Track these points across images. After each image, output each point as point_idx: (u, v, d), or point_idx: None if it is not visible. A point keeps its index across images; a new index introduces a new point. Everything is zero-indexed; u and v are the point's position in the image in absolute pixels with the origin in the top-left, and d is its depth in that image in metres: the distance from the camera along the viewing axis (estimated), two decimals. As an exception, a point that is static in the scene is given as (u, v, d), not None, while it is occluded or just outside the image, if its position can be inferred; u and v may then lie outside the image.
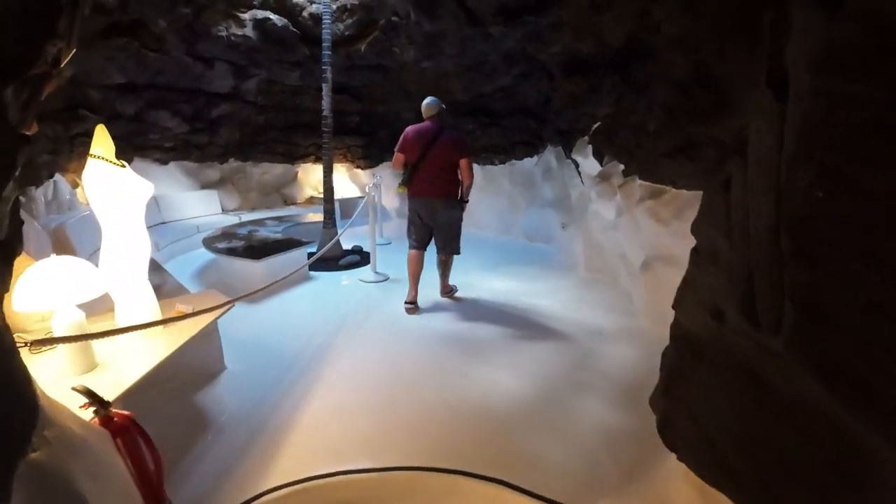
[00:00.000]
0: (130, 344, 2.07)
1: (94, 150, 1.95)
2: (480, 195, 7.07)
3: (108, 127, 4.87)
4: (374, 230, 4.75)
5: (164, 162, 6.38)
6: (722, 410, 1.17)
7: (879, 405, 0.76)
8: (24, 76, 0.99)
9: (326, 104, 5.04)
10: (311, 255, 5.06)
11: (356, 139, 7.58)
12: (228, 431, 2.23)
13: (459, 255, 3.90)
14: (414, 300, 3.78)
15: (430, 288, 4.12)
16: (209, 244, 4.71)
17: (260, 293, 3.38)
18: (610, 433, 2.19)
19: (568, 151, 4.92)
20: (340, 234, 4.94)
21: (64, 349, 1.75)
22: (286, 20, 4.74)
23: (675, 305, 1.41)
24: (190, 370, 2.61)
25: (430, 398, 2.47)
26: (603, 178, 4.12)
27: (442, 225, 3.71)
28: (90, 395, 1.43)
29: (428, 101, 3.64)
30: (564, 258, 5.33)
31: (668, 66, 2.28)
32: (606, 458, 2.02)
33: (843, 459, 0.89)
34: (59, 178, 4.40)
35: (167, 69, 4.75)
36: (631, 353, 3.03)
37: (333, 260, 5.23)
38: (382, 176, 8.06)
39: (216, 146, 6.63)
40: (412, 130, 3.56)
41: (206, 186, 7.43)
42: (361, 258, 5.36)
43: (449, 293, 4.08)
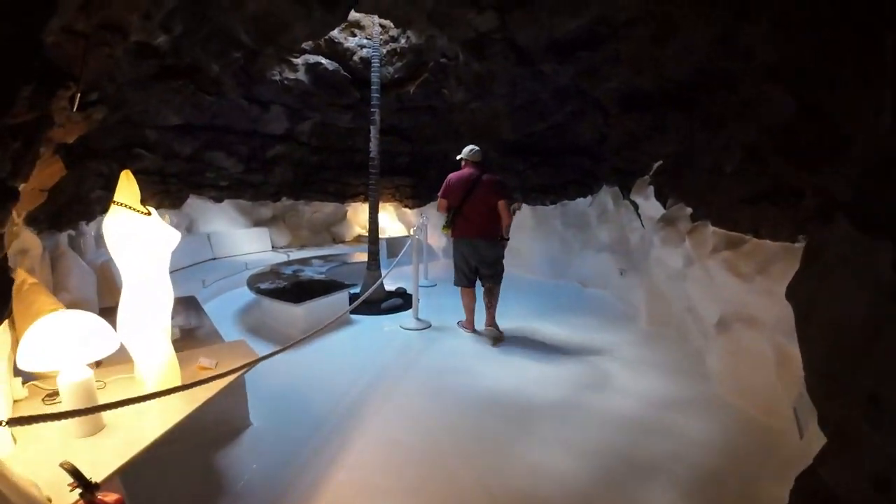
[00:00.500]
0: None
1: (117, 196, 1.86)
2: (530, 237, 6.77)
3: (164, 166, 5.07)
4: (416, 274, 4.54)
5: (218, 200, 6.57)
6: None
7: None
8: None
9: (374, 146, 5.02)
10: (353, 295, 4.93)
11: (405, 179, 7.57)
12: (244, 501, 2.01)
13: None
14: (472, 324, 4.14)
15: (475, 342, 3.88)
16: (252, 284, 4.68)
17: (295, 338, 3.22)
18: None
19: (626, 192, 4.63)
20: (383, 277, 4.77)
21: (68, 407, 1.59)
22: (337, 64, 4.81)
23: (819, 461, 1.06)
24: (210, 427, 2.43)
25: (467, 481, 2.13)
26: (667, 222, 3.76)
27: (486, 262, 3.96)
28: (76, 474, 1.27)
29: (470, 149, 3.94)
30: (623, 307, 4.90)
31: (756, 99, 1.95)
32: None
33: None
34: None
35: (224, 112, 4.91)
36: (705, 428, 2.58)
37: (376, 303, 5.05)
38: (429, 216, 7.99)
39: (270, 185, 6.79)
40: (455, 177, 3.87)
41: (258, 224, 7.60)
42: (404, 301, 5.15)
43: (495, 326, 4.08)
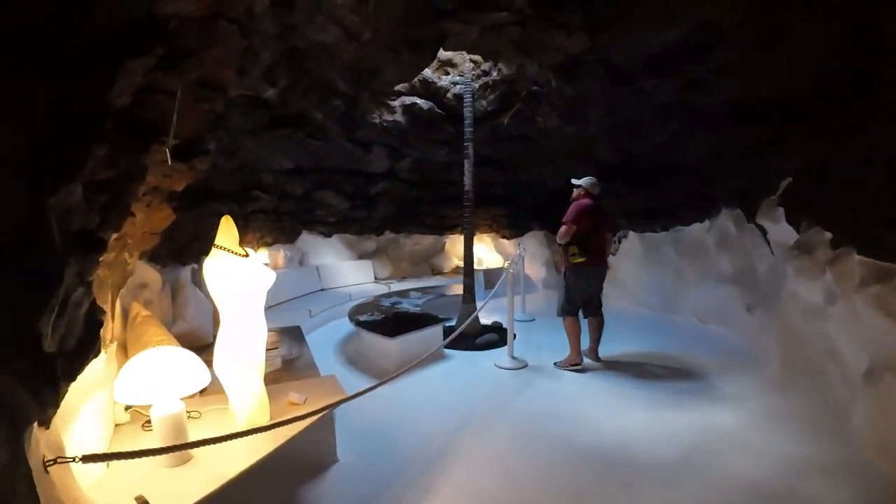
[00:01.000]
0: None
1: (218, 240, 2.00)
2: (638, 266, 6.23)
3: (279, 205, 5.56)
4: (511, 310, 4.35)
5: (327, 235, 7.08)
6: None
7: None
8: (69, 182, 0.92)
9: (468, 179, 5.02)
10: (448, 329, 4.87)
11: (501, 209, 7.51)
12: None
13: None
14: (580, 356, 4.01)
15: (576, 384, 3.56)
16: (352, 315, 4.85)
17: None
18: None
19: (750, 215, 4.08)
20: (477, 311, 4.65)
21: (158, 439, 1.69)
22: (431, 103, 4.95)
23: None
24: (297, 461, 2.45)
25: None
26: (802, 249, 3.22)
27: (600, 291, 4.05)
28: (146, 511, 1.28)
29: (592, 181, 3.95)
30: (750, 349, 4.25)
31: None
32: None
33: None
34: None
35: (330, 154, 5.30)
36: (849, 500, 2.07)
37: (470, 337, 4.93)
38: (527, 247, 7.77)
39: (373, 220, 7.17)
40: (585, 205, 3.85)
41: (362, 256, 8.01)
42: (500, 337, 4.97)
43: (598, 358, 4.12)
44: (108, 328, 1.83)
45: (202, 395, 2.39)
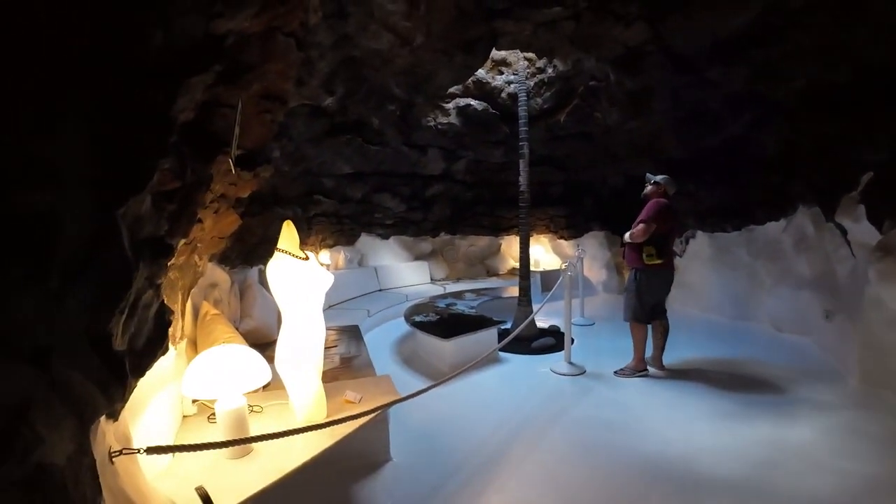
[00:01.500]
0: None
1: (280, 243, 2.09)
2: (708, 269, 5.84)
3: (339, 209, 5.77)
4: (569, 314, 4.21)
5: (385, 237, 7.25)
6: None
7: None
8: (138, 193, 0.99)
9: (523, 179, 4.93)
10: (503, 331, 4.82)
11: (559, 209, 7.33)
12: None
13: None
14: (644, 362, 3.87)
15: (639, 393, 3.37)
16: (409, 316, 4.92)
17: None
18: None
19: (829, 213, 3.77)
20: (534, 314, 4.56)
21: (221, 432, 1.79)
22: (486, 104, 4.93)
23: None
24: (351, 458, 2.52)
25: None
26: (885, 250, 3.02)
27: (667, 294, 3.86)
28: (206, 501, 1.36)
29: (669, 178, 3.77)
30: (828, 360, 3.92)
31: None
32: None
33: None
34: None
35: (388, 158, 5.43)
36: None
37: (526, 341, 4.85)
38: (586, 248, 7.51)
39: (429, 222, 7.26)
40: (664, 203, 3.64)
41: (419, 258, 8.12)
42: (557, 341, 4.84)
43: (662, 367, 3.93)
44: (177, 326, 1.98)
45: (265, 390, 2.52)
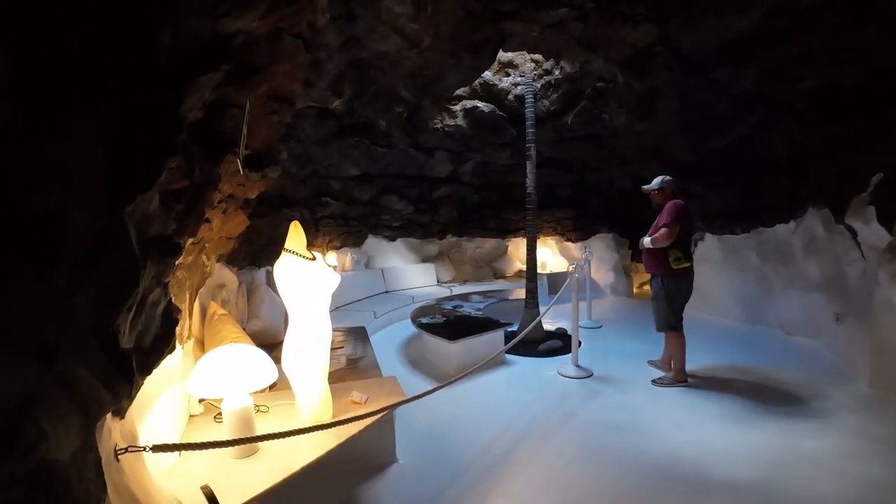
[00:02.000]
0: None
1: (287, 244, 2.10)
2: (717, 272, 5.78)
3: (347, 210, 5.79)
4: (576, 317, 4.19)
5: (391, 239, 7.26)
6: None
7: None
8: (145, 192, 1.00)
9: (530, 181, 4.92)
10: (510, 334, 4.80)
11: (566, 211, 7.30)
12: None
13: None
14: (687, 378, 3.69)
15: (643, 394, 3.34)
16: (414, 317, 4.92)
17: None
18: None
19: (839, 215, 3.74)
20: (540, 316, 4.54)
21: (227, 431, 1.79)
22: (493, 105, 4.93)
23: None
24: (357, 459, 2.51)
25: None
26: (895, 252, 3.01)
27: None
28: (211, 500, 1.36)
29: (668, 178, 3.70)
30: (838, 363, 3.88)
31: None
32: None
33: None
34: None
35: (395, 161, 5.44)
36: None
37: (533, 344, 4.83)
38: (593, 250, 7.46)
39: (436, 224, 7.26)
40: (682, 204, 3.56)
41: (425, 260, 8.13)
42: (564, 344, 4.81)
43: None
44: (184, 325, 1.99)
45: (271, 390, 2.53)
